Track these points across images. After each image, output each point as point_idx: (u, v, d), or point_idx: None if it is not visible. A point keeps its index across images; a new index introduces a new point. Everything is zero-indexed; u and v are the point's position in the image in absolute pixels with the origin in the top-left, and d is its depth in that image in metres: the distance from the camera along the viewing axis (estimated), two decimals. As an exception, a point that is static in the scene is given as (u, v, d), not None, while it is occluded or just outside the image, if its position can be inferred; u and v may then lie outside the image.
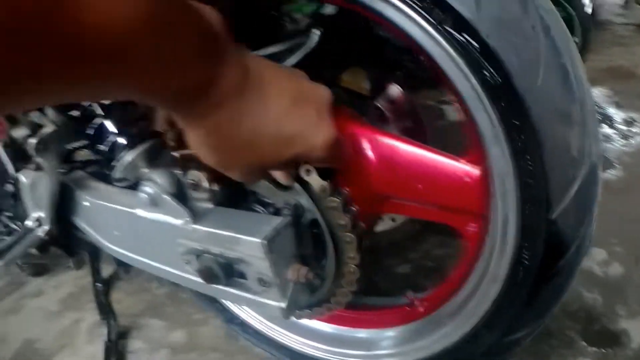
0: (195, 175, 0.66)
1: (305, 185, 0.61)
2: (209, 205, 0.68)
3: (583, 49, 2.39)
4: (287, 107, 0.48)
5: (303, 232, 0.65)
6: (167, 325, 1.31)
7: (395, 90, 0.93)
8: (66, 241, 1.12)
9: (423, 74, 1.16)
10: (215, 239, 0.64)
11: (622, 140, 1.84)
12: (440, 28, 0.55)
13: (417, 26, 0.56)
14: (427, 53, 0.57)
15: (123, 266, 1.34)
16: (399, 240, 1.27)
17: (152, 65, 0.36)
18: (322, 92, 0.54)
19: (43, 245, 1.06)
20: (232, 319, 1.07)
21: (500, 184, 0.62)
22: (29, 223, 1.03)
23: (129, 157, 0.68)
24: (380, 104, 0.92)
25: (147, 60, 0.35)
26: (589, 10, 2.43)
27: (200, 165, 0.64)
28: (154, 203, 0.69)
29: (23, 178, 1.00)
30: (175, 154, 0.66)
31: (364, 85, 0.83)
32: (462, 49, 0.55)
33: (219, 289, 0.69)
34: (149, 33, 0.34)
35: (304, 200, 0.63)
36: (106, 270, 1.27)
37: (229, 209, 0.68)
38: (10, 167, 1.09)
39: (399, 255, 1.34)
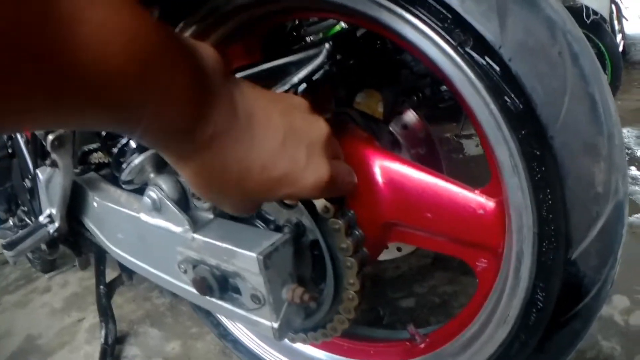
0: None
1: (308, 204, 0.58)
2: (210, 216, 0.66)
3: (613, 87, 2.34)
4: (275, 149, 0.45)
5: (303, 253, 0.62)
6: (164, 336, 1.29)
7: (410, 116, 0.89)
8: (74, 241, 1.11)
9: (443, 104, 1.12)
10: (212, 250, 0.61)
11: (650, 184, 1.75)
12: (461, 50, 0.52)
13: (436, 47, 0.53)
14: (446, 76, 0.54)
15: (127, 272, 1.33)
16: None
17: (140, 105, 0.34)
18: (318, 129, 0.49)
19: (52, 242, 1.05)
20: (225, 335, 1.04)
21: (516, 218, 0.57)
22: (41, 218, 1.03)
23: (137, 160, 0.67)
24: (393, 129, 0.88)
25: (135, 99, 0.33)
26: (620, 48, 2.38)
27: None
28: (156, 208, 0.67)
29: (40, 174, 1.01)
30: None
31: (378, 109, 0.79)
32: (482, 72, 0.52)
33: (212, 302, 0.66)
34: (142, 73, 0.32)
35: (306, 220, 0.59)
36: (110, 275, 1.26)
37: (230, 221, 0.65)
38: (30, 164, 1.10)
39: (405, 288, 1.29)
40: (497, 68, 0.51)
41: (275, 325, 0.59)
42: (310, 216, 0.58)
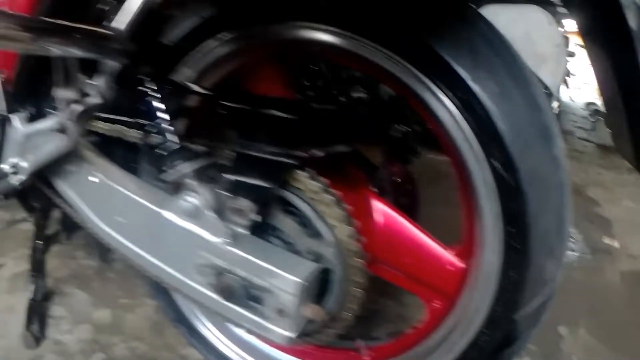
0: (245, 204, 0.71)
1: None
2: (244, 232, 0.73)
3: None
4: None
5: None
6: (92, 301, 1.27)
7: (400, 168, 1.03)
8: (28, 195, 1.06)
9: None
10: (249, 266, 0.69)
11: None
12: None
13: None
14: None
15: (67, 231, 1.29)
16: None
17: None
18: None
19: (9, 193, 0.99)
20: (180, 320, 1.06)
21: (484, 281, 0.76)
22: (5, 167, 0.96)
23: (188, 169, 0.71)
24: (383, 177, 1.01)
25: None
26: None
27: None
28: (193, 214, 0.72)
29: (18, 122, 0.93)
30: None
31: (377, 157, 0.92)
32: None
33: (225, 305, 0.73)
34: None
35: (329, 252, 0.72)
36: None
37: (263, 240, 0.74)
38: (2, 105, 1.00)
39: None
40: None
41: (293, 336, 0.70)
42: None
